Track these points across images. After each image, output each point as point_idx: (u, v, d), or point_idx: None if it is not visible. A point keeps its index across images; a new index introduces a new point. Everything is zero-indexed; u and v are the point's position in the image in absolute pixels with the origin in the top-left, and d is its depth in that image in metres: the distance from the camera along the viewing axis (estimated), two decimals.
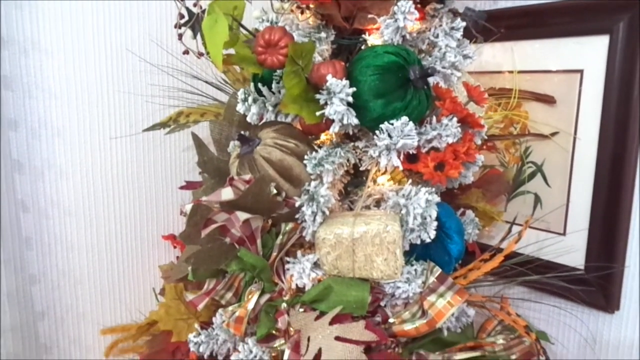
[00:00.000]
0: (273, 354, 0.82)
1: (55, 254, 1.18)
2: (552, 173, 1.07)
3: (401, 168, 0.79)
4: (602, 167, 0.99)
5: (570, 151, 1.04)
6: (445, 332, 0.85)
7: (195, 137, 0.87)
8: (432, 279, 0.78)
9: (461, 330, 0.89)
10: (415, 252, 0.85)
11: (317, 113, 0.77)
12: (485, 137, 0.90)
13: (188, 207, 0.88)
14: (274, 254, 0.80)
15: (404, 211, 0.79)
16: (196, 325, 0.92)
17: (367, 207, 0.85)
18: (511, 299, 0.93)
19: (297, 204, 0.78)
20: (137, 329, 1.07)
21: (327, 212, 0.78)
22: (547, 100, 1.05)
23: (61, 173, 1.16)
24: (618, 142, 0.97)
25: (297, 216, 0.79)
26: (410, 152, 0.79)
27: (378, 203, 0.87)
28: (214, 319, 0.89)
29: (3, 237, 1.09)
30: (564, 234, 1.07)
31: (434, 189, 0.79)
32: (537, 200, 1.10)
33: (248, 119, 0.86)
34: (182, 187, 1.03)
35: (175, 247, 1.27)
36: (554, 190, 1.07)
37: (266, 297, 0.81)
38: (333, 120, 0.78)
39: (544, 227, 1.09)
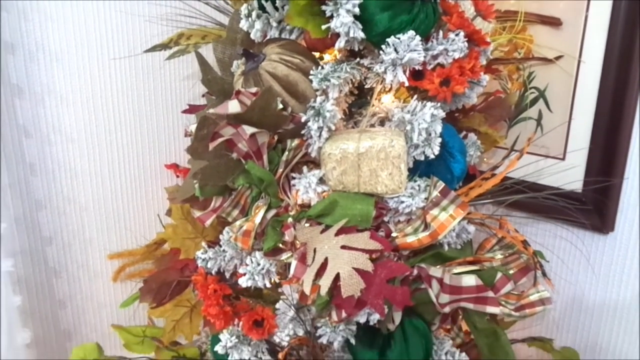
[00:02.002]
0: (280, 266, 0.85)
1: (59, 181, 1.19)
2: (554, 98, 1.08)
3: (407, 84, 0.79)
4: (605, 90, 0.99)
5: (574, 75, 1.03)
6: (446, 247, 0.88)
7: (199, 56, 0.86)
8: (435, 193, 0.80)
9: (461, 248, 0.92)
10: (419, 171, 0.87)
11: (323, 27, 0.76)
12: (490, 57, 0.90)
13: (193, 127, 0.89)
14: (280, 170, 0.81)
15: (408, 127, 0.79)
16: (203, 244, 0.94)
17: (372, 126, 0.86)
18: (509, 219, 0.95)
19: (303, 120, 0.78)
20: (145, 249, 1.10)
21: (333, 128, 0.79)
22: (553, 22, 1.03)
23: (61, 99, 1.15)
24: (622, 65, 0.97)
25: (302, 132, 0.79)
26: (416, 69, 0.79)
27: (382, 122, 0.87)
28: (220, 237, 0.91)
29: (7, 163, 1.10)
30: (563, 159, 1.08)
31: (439, 105, 0.79)
32: (539, 126, 1.10)
33: (252, 36, 0.85)
34: (185, 111, 1.03)
35: (177, 176, 1.28)
36: (556, 115, 1.07)
37: (272, 212, 0.83)
38: (339, 35, 0.78)
39: (544, 153, 1.11)
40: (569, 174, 1.06)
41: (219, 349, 0.87)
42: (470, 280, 0.81)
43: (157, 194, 1.32)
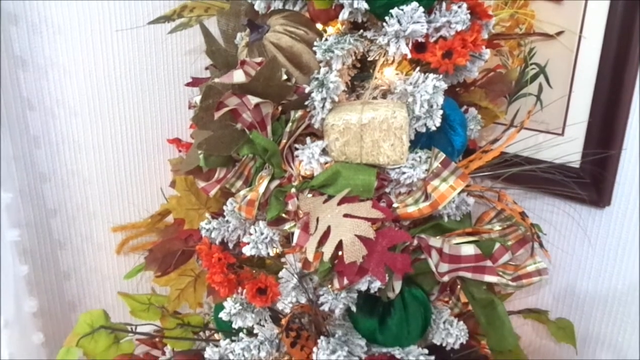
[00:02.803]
0: (283, 237, 0.87)
1: (63, 153, 1.20)
2: (554, 74, 1.08)
3: (409, 56, 0.80)
4: (605, 65, 1.00)
5: (575, 51, 1.04)
6: (446, 219, 0.90)
7: (203, 28, 0.86)
8: (436, 164, 0.81)
9: (460, 219, 0.94)
10: (420, 143, 0.88)
11: None
12: (492, 31, 0.90)
13: (197, 99, 0.90)
14: (284, 141, 0.82)
15: (410, 99, 0.80)
16: (207, 215, 0.96)
17: (374, 99, 0.87)
18: (507, 192, 0.97)
19: (306, 91, 0.79)
20: (149, 220, 1.12)
21: (336, 99, 0.80)
22: None
23: (64, 72, 1.15)
24: (622, 40, 0.97)
25: (306, 103, 0.80)
26: (419, 41, 0.80)
27: (384, 95, 0.88)
28: (224, 208, 0.92)
29: (12, 135, 1.11)
30: (562, 134, 1.09)
31: (441, 77, 0.80)
32: (538, 100, 1.11)
33: (256, 7, 0.85)
34: (188, 84, 1.04)
35: (180, 150, 1.29)
36: (556, 91, 1.08)
37: (276, 182, 0.84)
38: (342, 6, 0.78)
39: (543, 128, 1.12)
40: (568, 149, 1.07)
41: (223, 315, 0.89)
42: (469, 250, 0.82)
43: (159, 168, 1.34)
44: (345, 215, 0.76)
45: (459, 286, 0.98)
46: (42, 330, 1.13)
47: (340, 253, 0.76)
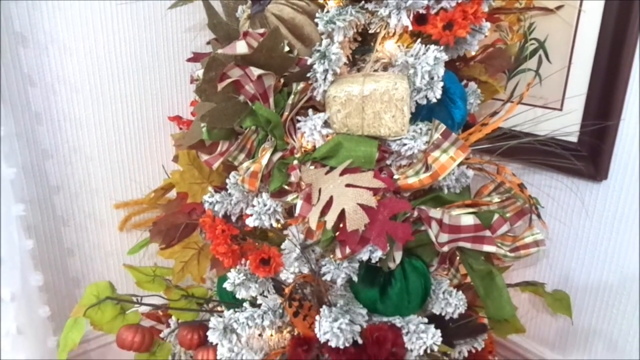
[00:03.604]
0: (285, 209, 0.88)
1: (65, 130, 1.21)
2: (553, 49, 1.09)
3: (410, 28, 0.80)
4: (604, 39, 1.01)
5: (574, 25, 1.05)
6: (446, 191, 0.91)
7: (204, 1, 0.86)
8: (436, 135, 0.82)
9: (459, 192, 0.95)
10: (420, 117, 0.89)
11: None
12: (493, 4, 0.91)
13: (199, 72, 0.90)
14: (286, 113, 0.83)
15: (411, 71, 0.81)
16: (210, 188, 0.97)
17: (375, 72, 0.87)
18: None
19: (308, 62, 0.80)
20: (152, 194, 1.13)
21: (338, 71, 0.80)
22: None
23: (64, 48, 1.15)
24: (621, 14, 0.98)
25: (308, 75, 0.81)
26: (420, 12, 0.80)
27: (385, 68, 0.89)
28: (227, 181, 0.94)
29: (13, 111, 1.11)
30: (561, 109, 1.10)
31: (442, 48, 0.80)
32: (537, 75, 1.12)
33: None
34: (190, 59, 1.04)
35: (180, 128, 1.30)
36: (555, 66, 1.09)
37: (278, 155, 0.85)
38: None
39: (542, 104, 1.13)
40: (566, 123, 1.08)
41: (227, 285, 0.90)
42: (468, 220, 0.84)
43: (161, 145, 1.34)
44: (347, 185, 0.77)
45: (458, 258, 0.99)
46: (47, 305, 1.15)
47: (342, 223, 0.77)
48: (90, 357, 1.39)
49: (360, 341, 0.87)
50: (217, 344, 0.92)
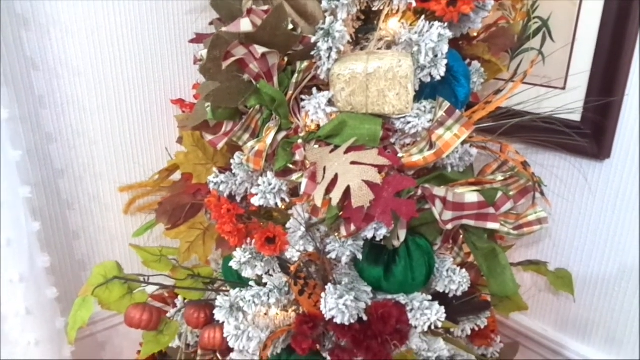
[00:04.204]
0: (290, 189, 0.89)
1: (68, 114, 1.21)
2: (557, 27, 1.09)
3: (414, 4, 0.80)
4: (608, 17, 1.00)
5: (577, 3, 1.04)
6: (449, 169, 0.92)
7: None
8: (440, 113, 0.82)
9: (463, 171, 0.96)
10: (424, 95, 0.89)
11: None
12: None
13: (203, 52, 0.90)
14: (290, 92, 0.83)
15: (415, 49, 0.81)
16: (215, 169, 0.97)
17: (379, 50, 0.87)
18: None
19: (312, 40, 0.80)
20: (157, 175, 1.13)
21: (342, 49, 0.80)
22: None
23: (67, 31, 1.15)
24: None
25: (312, 53, 0.81)
26: None
27: (389, 47, 0.89)
28: (231, 161, 0.94)
29: (17, 94, 1.12)
30: (564, 88, 1.10)
31: (446, 25, 0.80)
32: (540, 54, 1.12)
33: None
34: (192, 40, 1.04)
35: (183, 111, 1.30)
36: (558, 45, 1.09)
37: (283, 134, 0.85)
38: None
39: (545, 83, 1.13)
40: (569, 103, 1.08)
41: (233, 264, 0.91)
42: (472, 197, 0.84)
43: (164, 128, 1.35)
44: (352, 163, 0.78)
45: (461, 237, 1.00)
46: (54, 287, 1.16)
47: (347, 201, 0.78)
48: (97, 339, 1.41)
49: (365, 318, 0.88)
50: (223, 322, 0.94)
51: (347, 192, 0.77)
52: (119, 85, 1.26)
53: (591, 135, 1.06)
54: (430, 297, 0.92)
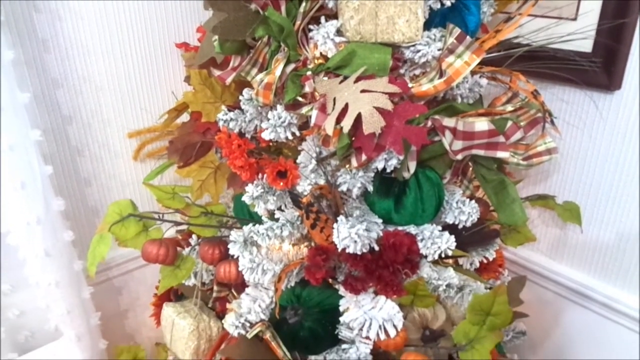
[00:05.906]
0: (300, 122, 0.89)
1: (73, 59, 1.20)
2: None
3: None
4: None
5: None
6: (459, 100, 0.91)
7: None
8: (451, 40, 0.81)
9: (473, 103, 0.95)
10: (434, 24, 0.88)
11: None
12: None
13: None
14: (298, 22, 0.82)
15: None
16: (223, 107, 0.97)
17: None
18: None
19: None
20: (166, 115, 1.13)
21: None
22: None
23: None
24: None
25: None
26: None
27: None
28: (240, 97, 0.94)
29: (20, 39, 1.11)
30: (575, 19, 1.08)
31: None
32: None
33: None
34: None
35: None
36: None
37: (292, 66, 0.85)
38: None
39: (556, 15, 1.11)
40: (580, 35, 1.06)
41: (246, 198, 0.93)
42: (482, 126, 0.85)
43: (169, 73, 1.34)
44: (362, 91, 0.77)
45: (470, 170, 1.01)
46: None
47: (358, 131, 0.78)
48: (113, 284, 1.45)
49: (376, 248, 0.89)
50: (238, 257, 0.96)
51: (357, 121, 0.77)
52: (122, 29, 1.24)
53: (602, 65, 1.05)
54: (440, 227, 0.94)
